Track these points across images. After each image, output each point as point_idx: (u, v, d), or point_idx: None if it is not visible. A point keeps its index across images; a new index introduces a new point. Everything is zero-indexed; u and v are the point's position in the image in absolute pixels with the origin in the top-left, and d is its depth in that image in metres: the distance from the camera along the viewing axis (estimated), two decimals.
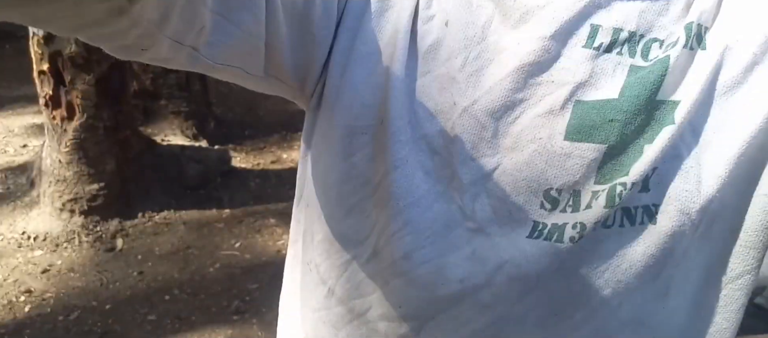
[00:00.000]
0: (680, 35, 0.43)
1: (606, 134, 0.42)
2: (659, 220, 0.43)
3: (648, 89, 0.42)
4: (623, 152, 0.43)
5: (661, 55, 0.43)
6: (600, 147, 0.43)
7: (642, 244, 0.44)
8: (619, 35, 0.43)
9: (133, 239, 2.82)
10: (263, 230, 3.00)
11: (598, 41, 0.43)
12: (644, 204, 0.43)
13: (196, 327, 2.34)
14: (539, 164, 0.44)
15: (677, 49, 0.43)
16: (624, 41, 0.43)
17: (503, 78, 0.44)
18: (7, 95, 4.29)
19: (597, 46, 0.43)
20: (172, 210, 3.05)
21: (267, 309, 2.47)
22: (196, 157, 3.30)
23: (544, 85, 0.43)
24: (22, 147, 3.53)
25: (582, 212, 0.43)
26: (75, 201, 2.81)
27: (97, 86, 2.70)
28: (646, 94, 0.42)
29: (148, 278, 2.59)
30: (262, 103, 4.67)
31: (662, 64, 0.42)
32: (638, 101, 0.42)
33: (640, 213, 0.43)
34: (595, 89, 0.43)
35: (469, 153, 0.44)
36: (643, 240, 0.44)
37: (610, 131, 0.42)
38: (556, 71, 0.43)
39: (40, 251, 2.67)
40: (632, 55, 0.43)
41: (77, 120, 2.72)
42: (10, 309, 2.33)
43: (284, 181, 3.48)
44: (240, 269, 2.70)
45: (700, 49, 0.43)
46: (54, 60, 2.63)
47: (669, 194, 0.43)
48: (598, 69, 0.43)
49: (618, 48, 0.43)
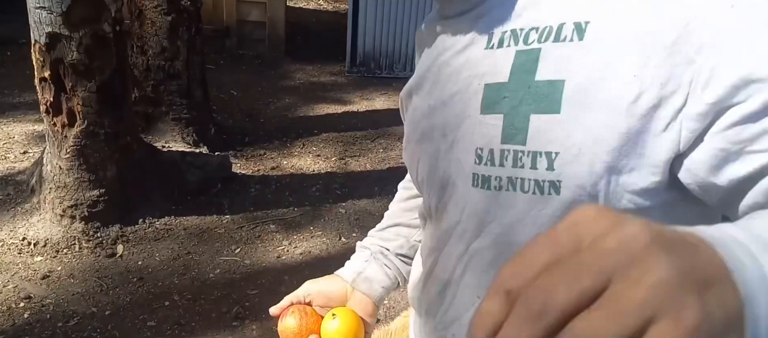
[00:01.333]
0: (552, 29, 0.57)
1: (501, 107, 0.60)
2: (563, 193, 0.56)
3: (527, 73, 0.58)
4: (515, 119, 0.59)
5: (536, 46, 0.58)
6: (500, 116, 0.60)
7: (549, 208, 0.58)
8: (504, 35, 0.62)
9: (134, 245, 2.83)
10: (263, 236, 3.00)
11: (492, 42, 0.63)
12: (551, 180, 0.57)
13: (195, 333, 2.34)
14: (470, 131, 0.63)
15: (550, 43, 0.57)
16: (503, 38, 0.61)
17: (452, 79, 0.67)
18: (8, 101, 4.30)
19: (490, 46, 0.63)
20: (173, 216, 3.05)
21: (267, 314, 2.47)
22: (196, 163, 3.31)
23: (472, 78, 0.64)
24: (23, 153, 3.54)
25: (499, 167, 0.60)
26: (75, 207, 2.81)
27: (98, 93, 2.71)
28: (525, 77, 0.58)
29: (148, 284, 2.59)
30: (263, 110, 4.68)
31: (536, 53, 0.58)
32: (519, 82, 0.59)
33: (547, 186, 0.57)
34: (494, 76, 0.61)
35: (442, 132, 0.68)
36: (551, 206, 0.58)
37: (504, 104, 0.60)
38: (476, 67, 0.64)
39: (41, 257, 2.67)
40: (516, 42, 0.60)
41: (78, 127, 2.73)
42: (9, 315, 2.34)
43: (284, 187, 3.49)
44: (240, 275, 2.70)
45: (581, 39, 0.55)
46: (55, 67, 2.64)
47: (568, 173, 0.56)
48: (496, 61, 0.61)
49: (500, 43, 0.62)
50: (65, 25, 2.55)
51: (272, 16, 5.87)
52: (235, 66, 5.66)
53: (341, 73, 5.76)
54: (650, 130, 0.52)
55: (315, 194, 3.44)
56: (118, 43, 2.76)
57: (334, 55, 6.14)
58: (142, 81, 3.70)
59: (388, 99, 5.17)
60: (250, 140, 4.07)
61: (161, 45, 3.63)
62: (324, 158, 3.92)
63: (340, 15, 7.82)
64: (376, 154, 4.05)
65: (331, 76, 5.69)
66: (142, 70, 3.68)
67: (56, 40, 2.58)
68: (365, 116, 4.74)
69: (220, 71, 5.46)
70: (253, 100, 4.88)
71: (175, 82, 3.71)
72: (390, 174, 3.76)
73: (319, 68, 5.84)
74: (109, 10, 2.67)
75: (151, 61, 3.66)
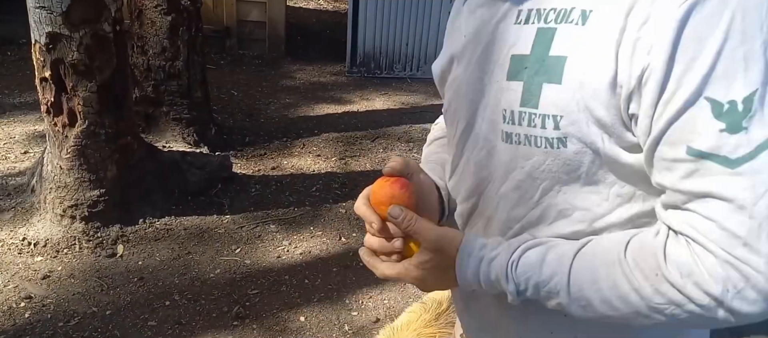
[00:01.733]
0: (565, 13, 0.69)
1: (522, 75, 0.71)
2: (569, 146, 0.69)
3: (544, 48, 0.69)
4: (531, 86, 0.70)
5: (553, 26, 0.69)
6: (520, 83, 0.71)
7: (560, 158, 0.70)
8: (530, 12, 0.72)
9: (134, 245, 2.83)
10: (263, 236, 3.00)
11: (520, 18, 0.74)
12: (558, 137, 0.69)
13: (196, 333, 2.34)
14: (498, 95, 0.75)
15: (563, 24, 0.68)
16: (529, 15, 0.72)
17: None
18: (8, 101, 4.30)
19: (519, 21, 0.74)
20: (173, 216, 3.05)
21: (267, 314, 2.48)
22: (197, 163, 3.31)
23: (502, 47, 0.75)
24: (24, 154, 3.54)
25: (518, 126, 0.72)
26: (76, 207, 2.81)
27: (98, 93, 2.71)
28: (542, 51, 0.69)
29: (148, 283, 2.59)
30: (263, 110, 4.69)
31: (552, 32, 0.69)
32: (537, 55, 0.70)
33: (556, 142, 0.69)
34: (519, 48, 0.73)
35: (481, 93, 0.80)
36: (561, 157, 0.70)
37: (524, 74, 0.71)
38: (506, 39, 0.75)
39: (41, 257, 2.68)
40: (538, 20, 0.71)
41: (79, 127, 2.73)
42: (10, 315, 2.34)
43: (284, 187, 3.49)
44: (240, 274, 2.70)
45: (583, 25, 0.67)
46: (56, 67, 2.64)
47: (571, 132, 0.68)
48: (515, 35, 0.73)
49: (527, 19, 0.73)
50: (65, 25, 2.55)
51: (272, 16, 5.87)
52: (235, 66, 5.66)
53: (341, 73, 5.76)
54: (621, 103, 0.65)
55: (315, 194, 3.44)
56: (118, 43, 2.76)
57: (334, 55, 6.14)
58: (142, 81, 3.70)
59: (388, 99, 5.17)
60: (250, 140, 4.07)
61: (161, 45, 3.63)
62: (324, 158, 3.92)
63: (340, 15, 7.82)
64: (376, 154, 4.05)
65: (331, 76, 5.69)
66: (143, 70, 3.69)
67: (56, 40, 2.58)
68: (365, 116, 4.74)
69: (220, 71, 5.46)
70: (253, 100, 4.88)
71: (176, 82, 3.71)
72: None
73: (319, 68, 5.84)
74: (109, 9, 2.67)
75: (152, 61, 3.66)
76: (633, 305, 0.65)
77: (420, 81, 5.69)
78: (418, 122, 4.64)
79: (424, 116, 4.77)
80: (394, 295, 2.65)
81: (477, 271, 0.74)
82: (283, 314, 2.49)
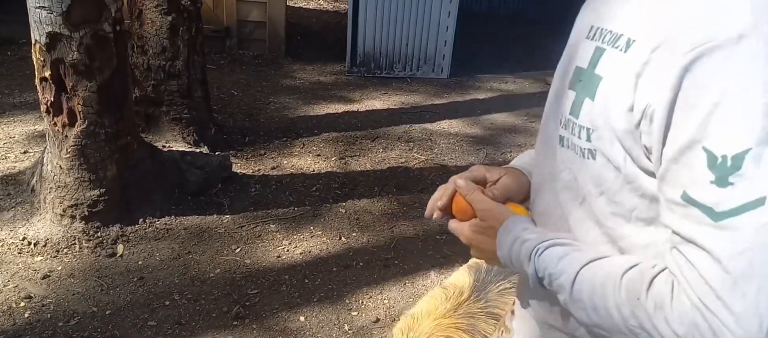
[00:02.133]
0: (616, 37, 0.74)
1: (576, 86, 0.79)
2: (597, 159, 0.76)
3: (593, 66, 0.76)
4: (579, 97, 0.78)
5: (604, 46, 0.76)
6: (574, 93, 0.79)
7: (592, 169, 0.77)
8: (595, 30, 0.79)
9: (134, 245, 2.83)
10: (263, 235, 3.00)
11: (590, 34, 0.80)
12: (589, 148, 0.76)
13: (196, 333, 2.34)
14: (562, 100, 0.82)
15: (610, 47, 0.75)
16: (595, 33, 0.79)
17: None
18: (8, 101, 4.30)
19: (588, 36, 0.80)
20: (173, 216, 3.05)
21: (267, 314, 2.48)
22: (196, 163, 3.31)
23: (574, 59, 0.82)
24: (23, 153, 3.54)
25: (565, 130, 0.80)
26: (76, 207, 2.81)
27: (98, 93, 2.71)
28: (592, 68, 0.77)
29: (148, 283, 2.59)
30: (263, 110, 4.69)
31: (602, 52, 0.76)
32: (589, 71, 0.77)
33: (587, 153, 0.77)
34: (581, 61, 0.80)
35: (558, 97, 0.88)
36: (592, 167, 0.77)
37: (578, 85, 0.79)
38: (578, 51, 0.82)
39: (41, 257, 2.68)
40: (596, 40, 0.78)
41: (78, 126, 2.73)
42: (9, 314, 2.34)
43: (284, 187, 3.49)
44: (240, 274, 2.70)
45: (625, 52, 0.72)
46: (56, 67, 2.64)
47: (599, 146, 0.75)
48: (584, 49, 0.80)
49: (593, 36, 0.79)
50: (65, 25, 2.55)
51: (272, 16, 5.87)
52: (235, 66, 5.66)
53: (341, 73, 5.76)
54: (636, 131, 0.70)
55: (315, 194, 3.44)
56: (118, 43, 2.76)
57: (334, 55, 6.14)
58: (142, 81, 3.70)
59: (388, 99, 5.17)
60: (250, 140, 4.07)
61: (162, 45, 3.63)
62: (324, 157, 3.92)
63: (340, 15, 7.82)
64: (376, 154, 4.05)
65: (331, 76, 5.69)
66: (143, 70, 3.69)
67: (56, 40, 2.58)
68: (365, 116, 4.74)
69: (221, 71, 5.46)
70: (253, 100, 4.88)
71: (176, 82, 3.71)
72: (390, 174, 3.76)
73: (319, 68, 5.84)
74: (110, 9, 2.67)
75: (152, 60, 3.66)
76: (614, 320, 0.71)
77: (420, 81, 5.69)
78: (418, 122, 4.63)
79: (424, 116, 4.77)
80: (394, 295, 2.65)
81: (511, 246, 0.85)
82: (283, 314, 2.49)
